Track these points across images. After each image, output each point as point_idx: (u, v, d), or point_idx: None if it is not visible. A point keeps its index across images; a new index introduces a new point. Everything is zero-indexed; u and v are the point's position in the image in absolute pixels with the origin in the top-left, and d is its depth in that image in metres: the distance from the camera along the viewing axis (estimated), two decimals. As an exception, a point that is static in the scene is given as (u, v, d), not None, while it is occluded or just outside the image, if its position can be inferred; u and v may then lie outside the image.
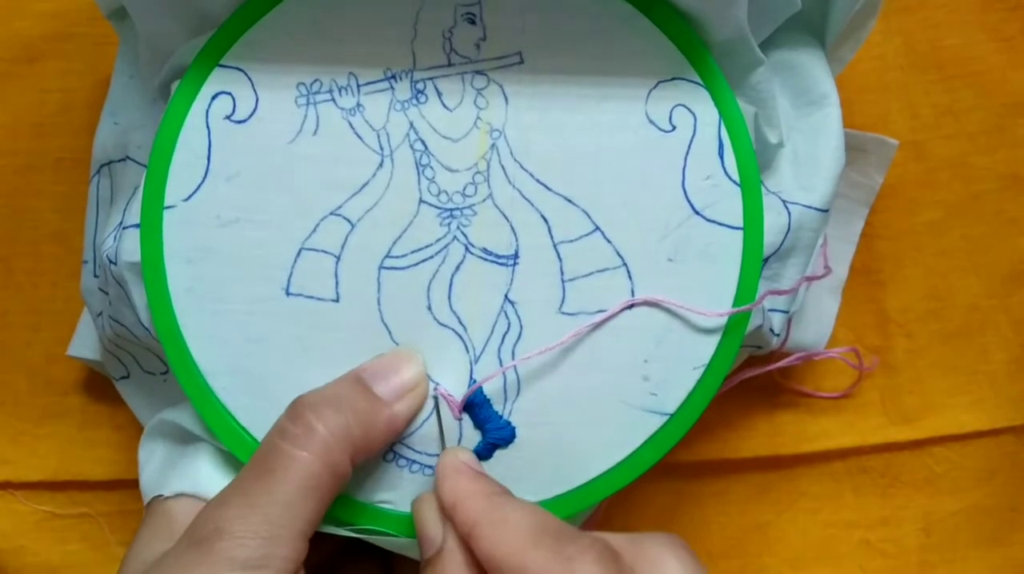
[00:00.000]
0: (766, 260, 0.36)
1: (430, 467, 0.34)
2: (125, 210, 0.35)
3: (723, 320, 0.34)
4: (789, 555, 0.45)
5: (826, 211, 0.37)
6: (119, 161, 0.39)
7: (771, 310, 0.37)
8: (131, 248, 0.34)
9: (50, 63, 0.45)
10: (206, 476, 0.34)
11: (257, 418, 0.34)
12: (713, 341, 0.34)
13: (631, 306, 0.34)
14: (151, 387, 0.41)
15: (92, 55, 0.45)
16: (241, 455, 0.34)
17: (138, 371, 0.41)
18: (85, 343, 0.42)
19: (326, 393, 0.32)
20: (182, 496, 0.34)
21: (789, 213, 0.36)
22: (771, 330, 0.37)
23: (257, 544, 0.29)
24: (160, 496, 0.34)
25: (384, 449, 0.34)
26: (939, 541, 0.45)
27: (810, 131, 0.37)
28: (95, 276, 0.39)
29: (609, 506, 0.37)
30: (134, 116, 0.39)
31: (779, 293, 0.37)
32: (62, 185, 0.45)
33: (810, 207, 0.36)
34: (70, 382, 0.45)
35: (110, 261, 0.35)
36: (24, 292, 0.45)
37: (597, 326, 0.34)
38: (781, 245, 0.36)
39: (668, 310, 0.34)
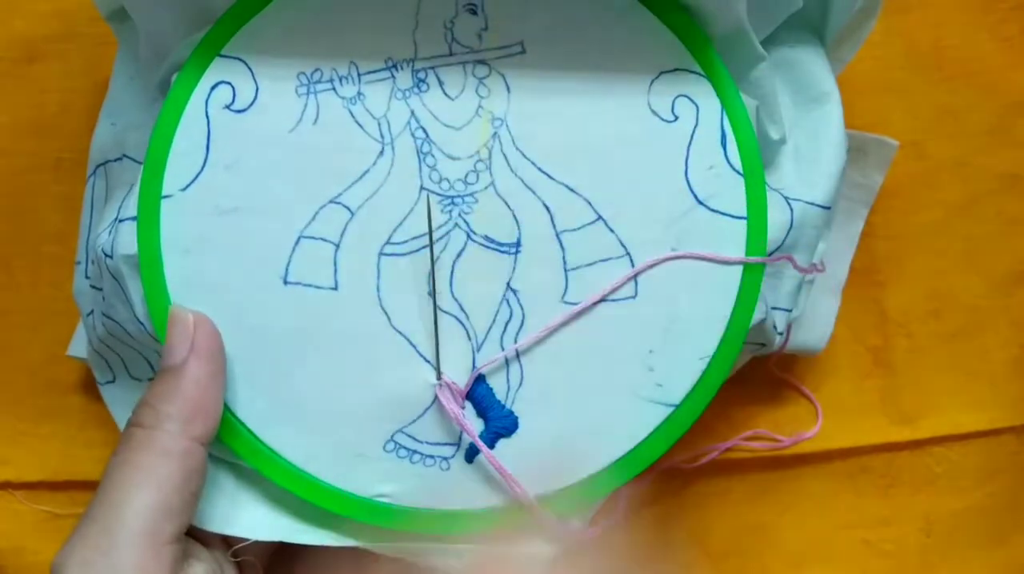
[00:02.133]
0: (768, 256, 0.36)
1: (431, 457, 0.34)
2: (121, 206, 0.35)
3: (728, 310, 0.34)
4: (789, 555, 0.45)
5: (828, 208, 0.37)
6: (115, 160, 0.39)
7: (773, 308, 0.37)
8: (128, 240, 0.34)
9: (50, 63, 0.45)
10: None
11: (253, 409, 0.34)
12: (718, 331, 0.34)
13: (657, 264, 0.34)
14: (135, 395, 0.40)
15: (92, 55, 0.45)
16: (235, 447, 0.34)
17: (124, 376, 0.40)
18: (85, 343, 0.42)
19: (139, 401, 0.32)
20: None
21: (791, 209, 0.36)
22: (774, 327, 0.37)
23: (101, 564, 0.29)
24: None
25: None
26: (939, 541, 0.45)
27: (811, 128, 0.38)
28: (86, 276, 0.39)
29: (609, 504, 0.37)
30: (133, 117, 0.39)
31: (786, 258, 0.37)
32: (62, 185, 0.45)
33: (812, 204, 0.37)
34: (70, 382, 0.45)
35: (106, 254, 0.35)
36: (24, 292, 0.45)
37: (603, 299, 0.34)
38: (783, 242, 0.36)
39: (673, 299, 0.34)
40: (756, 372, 0.43)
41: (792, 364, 0.45)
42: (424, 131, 0.34)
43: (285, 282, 0.34)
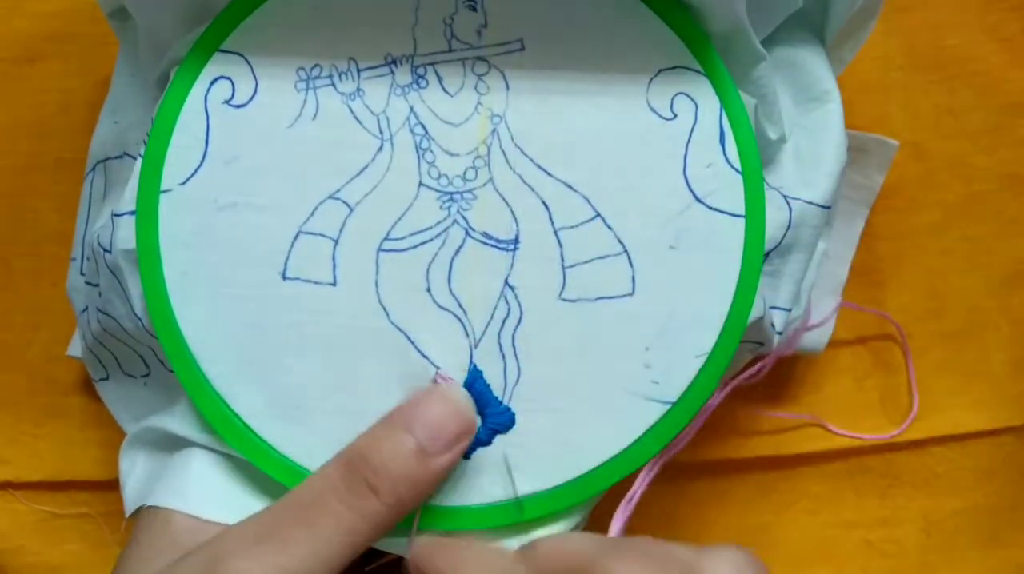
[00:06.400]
0: (767, 255, 0.36)
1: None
2: (119, 201, 0.35)
3: (725, 308, 0.34)
4: (790, 555, 0.45)
5: (827, 208, 0.37)
6: (116, 158, 0.39)
7: (772, 307, 0.37)
8: (126, 235, 0.34)
9: (50, 63, 0.45)
10: (194, 487, 0.34)
11: (251, 405, 0.34)
12: (715, 329, 0.34)
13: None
14: (130, 391, 0.40)
15: (92, 55, 0.45)
16: (233, 442, 0.34)
17: (118, 373, 0.40)
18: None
19: (382, 450, 0.31)
20: (176, 512, 0.34)
21: (790, 208, 0.36)
22: (772, 325, 0.37)
23: None
24: (145, 506, 0.34)
25: None
26: (939, 541, 0.45)
27: (812, 128, 0.38)
28: (81, 273, 0.39)
29: (608, 504, 0.37)
30: (135, 115, 0.39)
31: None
32: (62, 185, 0.45)
33: (811, 203, 0.37)
34: (70, 382, 0.45)
35: (104, 249, 0.35)
36: (24, 292, 0.45)
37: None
38: (782, 240, 0.36)
39: (670, 296, 0.34)
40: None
41: (792, 364, 0.45)
42: (423, 127, 0.34)
43: (284, 277, 0.34)
